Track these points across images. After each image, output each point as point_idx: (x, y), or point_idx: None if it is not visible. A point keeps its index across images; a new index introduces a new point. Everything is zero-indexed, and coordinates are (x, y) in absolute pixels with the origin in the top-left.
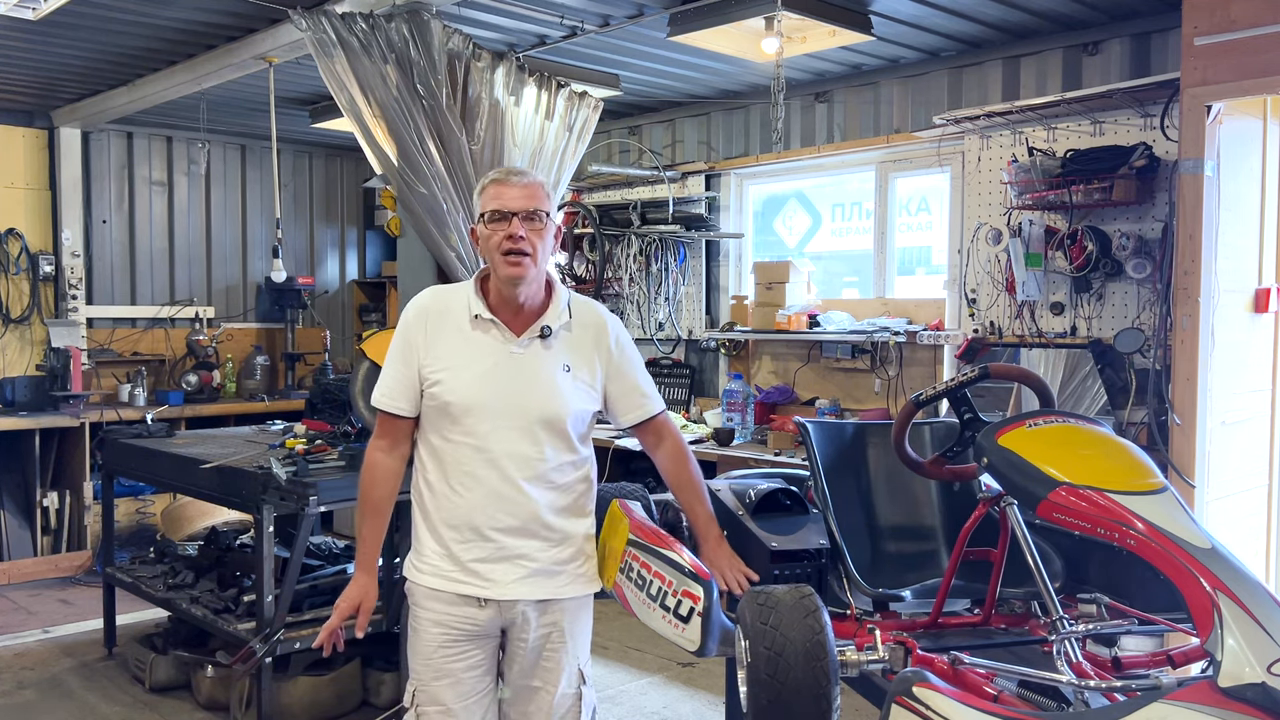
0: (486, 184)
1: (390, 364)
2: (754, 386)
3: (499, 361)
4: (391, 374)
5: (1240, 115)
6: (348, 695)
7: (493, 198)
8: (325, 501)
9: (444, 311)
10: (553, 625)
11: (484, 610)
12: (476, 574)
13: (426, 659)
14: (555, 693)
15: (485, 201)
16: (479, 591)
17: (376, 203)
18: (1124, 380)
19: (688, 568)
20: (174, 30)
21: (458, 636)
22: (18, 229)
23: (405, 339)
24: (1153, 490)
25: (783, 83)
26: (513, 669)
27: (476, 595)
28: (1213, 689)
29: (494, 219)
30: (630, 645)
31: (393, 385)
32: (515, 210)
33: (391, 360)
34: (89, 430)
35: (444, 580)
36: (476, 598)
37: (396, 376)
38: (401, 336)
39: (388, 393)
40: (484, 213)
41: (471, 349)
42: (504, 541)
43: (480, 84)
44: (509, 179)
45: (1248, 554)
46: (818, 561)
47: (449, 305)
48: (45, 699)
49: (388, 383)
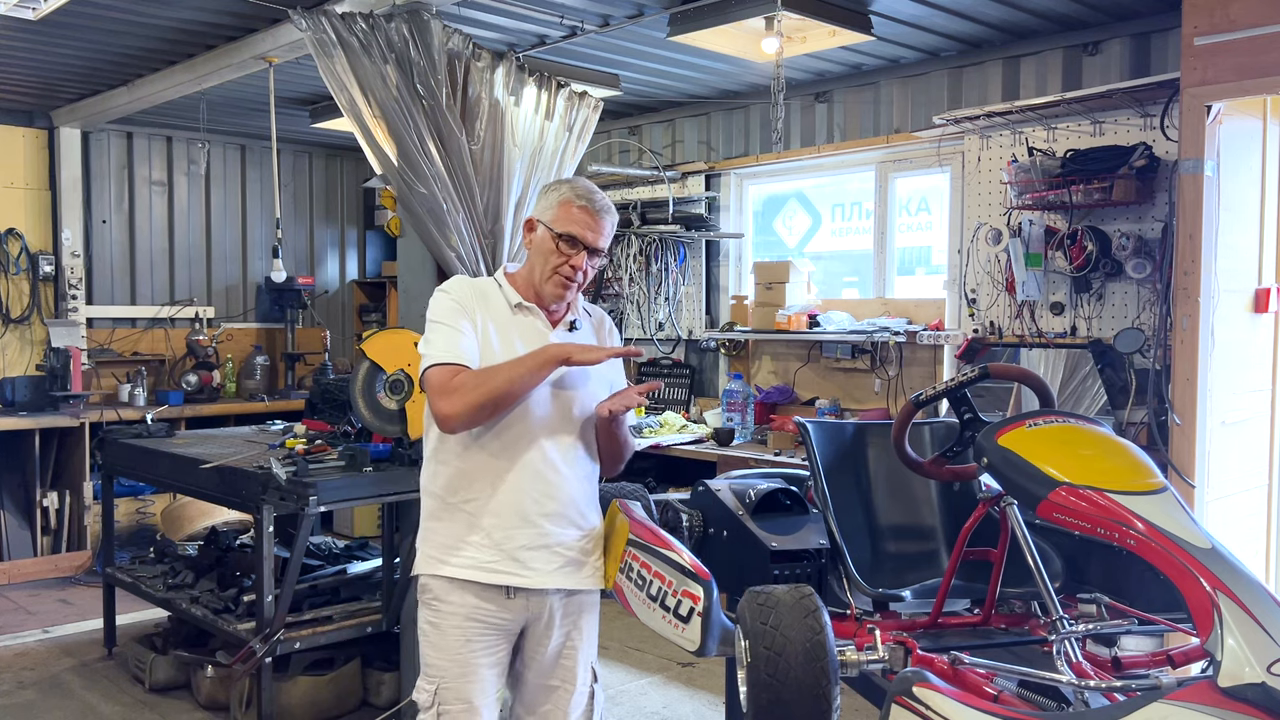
0: (576, 203)
1: (447, 327)
2: (754, 386)
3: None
4: (452, 335)
5: (1240, 115)
6: (348, 695)
7: (577, 222)
8: (325, 501)
9: (485, 294)
10: (573, 624)
11: (513, 602)
12: (518, 561)
13: (454, 654)
14: (574, 691)
15: (566, 219)
16: (517, 580)
17: (376, 203)
18: (1124, 380)
19: (688, 568)
20: (174, 30)
21: (485, 630)
22: (18, 229)
23: (461, 305)
24: (1153, 490)
25: (783, 83)
26: (530, 669)
27: (513, 585)
28: (1213, 689)
29: (567, 242)
30: (630, 645)
31: (460, 342)
32: (590, 245)
33: (447, 324)
34: (89, 430)
35: (479, 571)
36: (508, 587)
37: (464, 335)
38: (455, 303)
39: (456, 349)
40: (561, 232)
41: (518, 331)
42: (546, 528)
43: (480, 84)
44: (600, 214)
45: (1248, 554)
46: (818, 561)
47: (485, 291)
48: (45, 699)
49: (451, 341)
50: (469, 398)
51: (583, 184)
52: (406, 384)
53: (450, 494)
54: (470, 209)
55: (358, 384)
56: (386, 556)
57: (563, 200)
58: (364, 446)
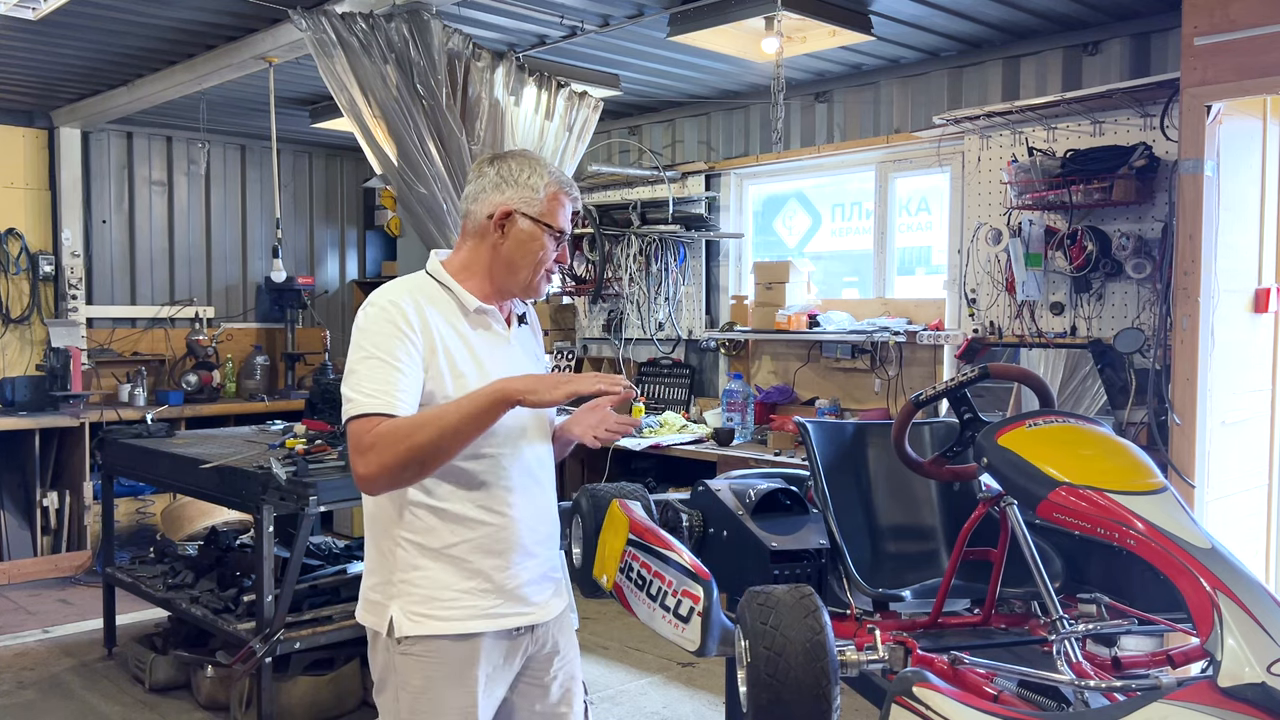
0: (554, 189)
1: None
2: (754, 386)
3: (508, 354)
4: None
5: (1240, 115)
6: (348, 695)
7: (559, 213)
8: (325, 501)
9: (431, 302)
10: (566, 642)
11: (518, 641)
12: (522, 599)
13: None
14: (573, 713)
15: (550, 209)
16: (525, 619)
17: (376, 203)
18: (1124, 380)
19: (688, 568)
20: (174, 30)
21: (491, 681)
22: (18, 229)
23: (401, 330)
24: (1153, 490)
25: (783, 83)
26: (538, 702)
27: (519, 625)
28: (1213, 689)
29: (550, 234)
30: (630, 645)
31: (396, 382)
32: (568, 233)
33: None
34: (89, 430)
35: (483, 620)
36: (514, 629)
37: (402, 373)
38: (394, 328)
39: (387, 393)
40: (548, 223)
41: (483, 344)
42: (542, 555)
43: (480, 84)
44: (576, 198)
45: (1248, 554)
46: (818, 561)
47: (430, 297)
48: (45, 699)
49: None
50: (386, 456)
51: (559, 169)
52: None
53: (431, 539)
54: None
55: None
56: None
57: (550, 191)
58: None
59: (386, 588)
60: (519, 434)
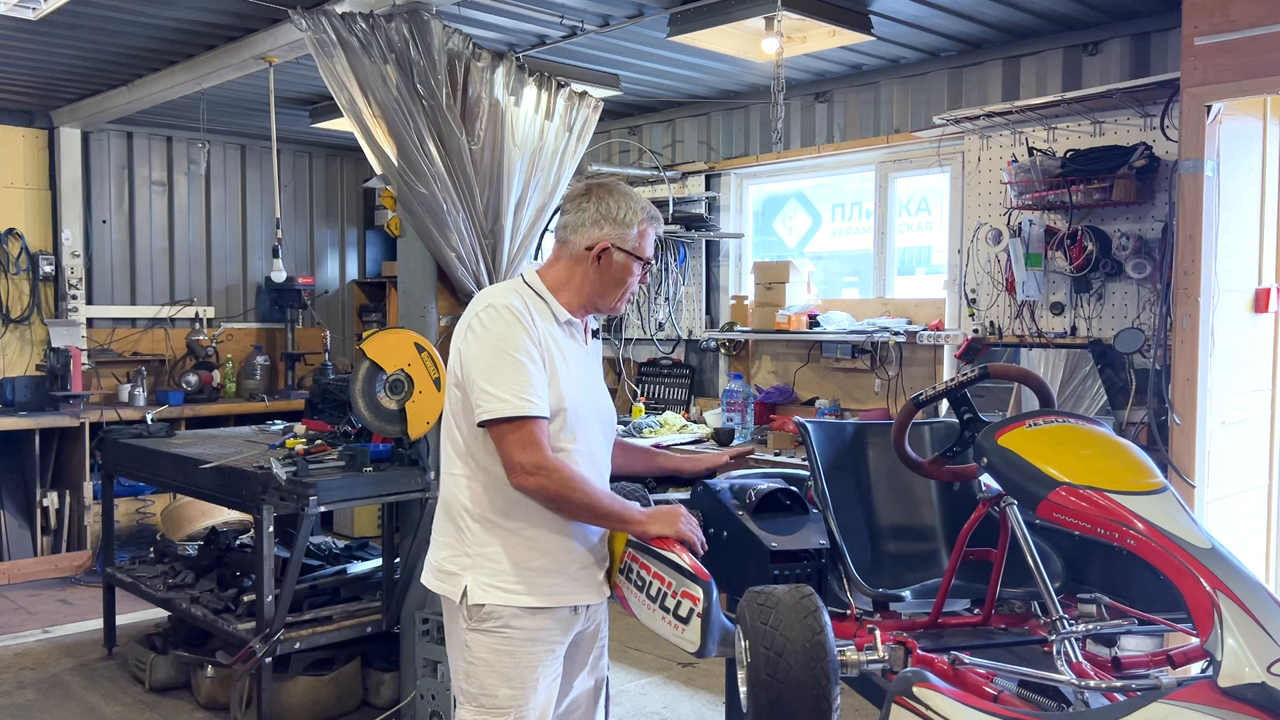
0: (645, 226)
1: (519, 364)
2: (754, 386)
3: (586, 364)
4: (525, 376)
5: (1240, 115)
6: (348, 695)
7: (647, 245)
8: (325, 501)
9: (533, 313)
10: (605, 627)
11: (576, 617)
12: (579, 580)
13: (531, 683)
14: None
15: (641, 244)
16: (584, 599)
17: (376, 203)
18: (1124, 380)
19: (687, 569)
20: (174, 30)
21: (552, 654)
22: (18, 229)
23: (529, 335)
24: (1153, 490)
25: (783, 83)
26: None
27: (578, 604)
28: (1213, 689)
29: (640, 264)
30: (630, 645)
31: (536, 385)
32: (655, 263)
33: (522, 360)
34: (89, 430)
35: (550, 596)
36: (573, 607)
37: (536, 374)
38: (525, 332)
39: (533, 394)
40: (642, 257)
41: (571, 353)
42: (595, 542)
43: (480, 84)
44: (660, 226)
45: (1248, 554)
46: (818, 561)
47: (531, 307)
48: (45, 699)
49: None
50: (551, 490)
51: (647, 203)
52: (406, 384)
53: (505, 518)
54: (470, 209)
55: (358, 384)
56: (386, 556)
57: (643, 229)
58: (364, 446)
59: (461, 559)
60: (593, 434)
